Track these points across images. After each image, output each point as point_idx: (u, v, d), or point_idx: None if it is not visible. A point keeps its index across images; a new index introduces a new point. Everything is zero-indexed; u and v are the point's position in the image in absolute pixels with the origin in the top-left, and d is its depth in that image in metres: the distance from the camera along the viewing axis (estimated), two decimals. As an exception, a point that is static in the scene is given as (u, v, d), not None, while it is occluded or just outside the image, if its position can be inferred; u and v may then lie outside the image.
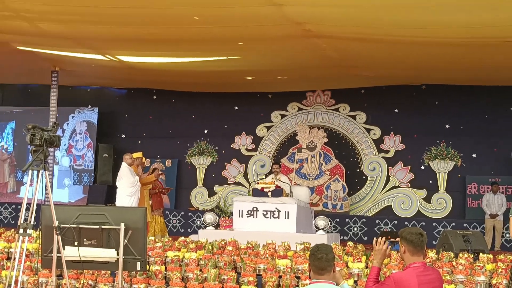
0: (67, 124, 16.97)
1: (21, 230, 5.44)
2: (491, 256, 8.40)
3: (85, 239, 5.65)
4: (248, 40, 11.18)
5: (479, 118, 15.20)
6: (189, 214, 15.80)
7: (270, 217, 11.17)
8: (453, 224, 14.32)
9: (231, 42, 11.33)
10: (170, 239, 9.93)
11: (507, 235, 13.75)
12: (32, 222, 5.51)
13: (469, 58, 11.37)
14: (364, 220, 15.07)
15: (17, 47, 12.49)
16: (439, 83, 14.98)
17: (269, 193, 11.45)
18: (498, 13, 8.64)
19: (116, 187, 11.62)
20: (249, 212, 11.32)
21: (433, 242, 12.46)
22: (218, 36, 10.84)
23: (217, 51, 12.29)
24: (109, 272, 7.42)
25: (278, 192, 11.48)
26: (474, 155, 15.20)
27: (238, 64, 13.51)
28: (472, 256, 8.55)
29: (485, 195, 14.20)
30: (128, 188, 11.32)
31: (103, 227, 5.61)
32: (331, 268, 4.18)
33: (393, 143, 15.67)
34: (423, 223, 14.43)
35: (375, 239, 4.69)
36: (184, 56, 12.91)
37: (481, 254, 8.63)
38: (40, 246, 5.86)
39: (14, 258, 5.46)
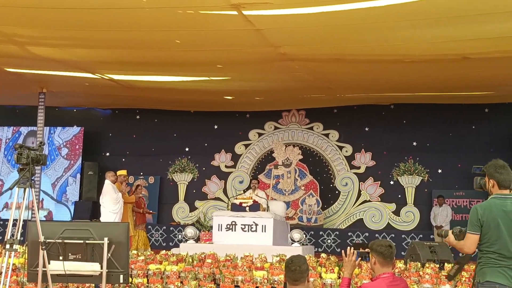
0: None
1: (7, 246, 5.36)
2: (455, 265, 8.44)
3: (69, 254, 5.55)
4: (228, 63, 11.24)
5: (444, 136, 15.39)
6: (171, 228, 15.71)
7: (248, 231, 11.14)
8: (421, 235, 14.39)
9: (211, 65, 11.37)
10: (152, 252, 9.85)
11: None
12: (18, 238, 5.43)
13: (433, 75, 11.50)
14: (337, 232, 15.10)
15: (5, 69, 12.38)
16: (406, 102, 15.15)
17: (247, 208, 11.44)
18: (459, 29, 8.77)
19: (100, 204, 11.49)
20: (228, 226, 11.28)
21: (402, 253, 12.51)
22: (199, 59, 10.87)
23: (199, 72, 12.31)
24: (93, 285, 7.31)
25: (255, 207, 11.48)
26: (439, 171, 15.36)
27: (219, 85, 13.54)
28: (438, 266, 8.61)
29: (433, 208, 14.35)
30: (111, 204, 11.21)
31: (87, 241, 5.52)
32: (305, 278, 4.20)
33: (364, 159, 15.77)
34: (393, 235, 14.50)
35: (343, 251, 4.71)
36: (168, 75, 12.89)
37: (446, 264, 8.70)
38: (26, 260, 5.77)
39: (1, 273, 5.37)
